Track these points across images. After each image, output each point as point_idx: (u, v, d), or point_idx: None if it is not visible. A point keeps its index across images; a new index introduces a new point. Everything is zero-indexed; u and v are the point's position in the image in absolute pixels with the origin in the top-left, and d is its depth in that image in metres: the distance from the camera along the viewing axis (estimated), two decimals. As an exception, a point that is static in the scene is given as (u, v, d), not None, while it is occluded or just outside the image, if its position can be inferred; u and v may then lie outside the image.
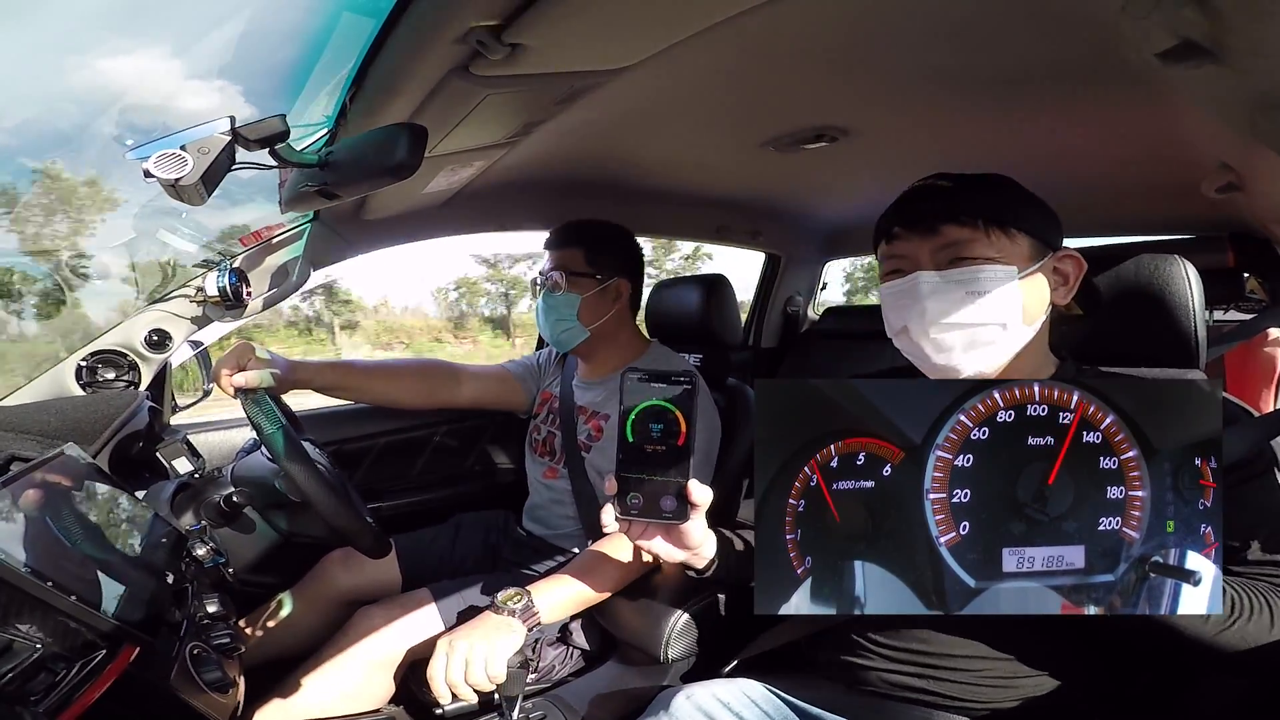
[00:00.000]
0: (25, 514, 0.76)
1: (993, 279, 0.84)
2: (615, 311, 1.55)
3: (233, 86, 1.35)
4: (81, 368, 1.31)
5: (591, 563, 1.24)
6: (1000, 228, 0.86)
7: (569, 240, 1.56)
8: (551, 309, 1.53)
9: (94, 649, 0.72)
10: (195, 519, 1.16)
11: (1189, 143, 1.26)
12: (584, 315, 1.52)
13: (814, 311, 2.94)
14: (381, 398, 1.60)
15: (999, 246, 0.85)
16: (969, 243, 0.85)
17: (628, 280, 1.57)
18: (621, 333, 1.59)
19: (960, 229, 0.86)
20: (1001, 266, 0.84)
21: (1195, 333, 0.95)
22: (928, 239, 0.88)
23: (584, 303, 1.51)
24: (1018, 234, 0.86)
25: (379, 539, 1.18)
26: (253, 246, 1.44)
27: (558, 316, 1.53)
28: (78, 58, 7.23)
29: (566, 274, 1.52)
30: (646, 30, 0.88)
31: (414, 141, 0.84)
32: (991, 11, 0.89)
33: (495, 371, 1.76)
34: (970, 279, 0.85)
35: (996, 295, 0.84)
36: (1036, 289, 0.87)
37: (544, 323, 1.56)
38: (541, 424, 1.66)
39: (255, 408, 1.14)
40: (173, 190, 0.82)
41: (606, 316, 1.54)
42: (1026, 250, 0.87)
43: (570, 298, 1.51)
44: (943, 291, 0.86)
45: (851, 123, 1.36)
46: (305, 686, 1.24)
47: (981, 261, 0.85)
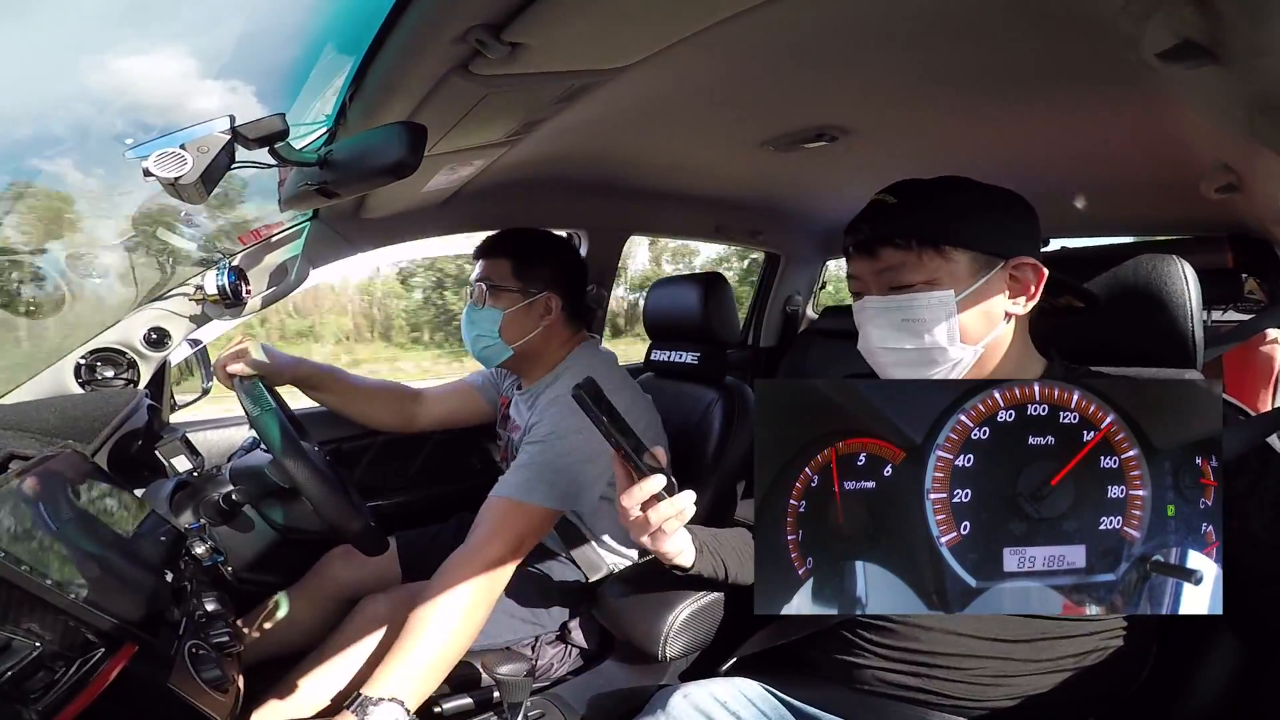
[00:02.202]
0: (24, 512, 0.76)
1: (926, 306, 0.85)
2: (543, 329, 1.44)
3: (232, 85, 1.36)
4: (81, 366, 1.31)
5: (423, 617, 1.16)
6: (934, 247, 0.85)
7: (496, 250, 1.46)
8: (473, 323, 1.45)
9: (93, 647, 0.72)
10: (194, 517, 1.16)
11: (1188, 143, 1.27)
12: (506, 331, 1.42)
13: (813, 310, 2.94)
14: (356, 413, 1.62)
15: (933, 269, 0.85)
16: (901, 267, 0.86)
17: (558, 295, 1.45)
18: (551, 348, 1.48)
19: (895, 252, 0.87)
20: (936, 292, 0.85)
21: (1193, 333, 0.95)
22: (870, 261, 0.89)
23: (507, 318, 1.41)
24: (954, 251, 0.85)
25: (376, 535, 1.18)
26: (252, 245, 1.43)
27: (478, 332, 1.44)
28: (77, 57, 7.18)
29: (490, 286, 1.43)
30: (646, 29, 0.88)
31: (413, 140, 0.84)
32: (992, 11, 0.89)
33: (457, 388, 1.74)
34: (906, 306, 0.86)
35: (931, 321, 0.85)
36: (982, 305, 0.86)
37: (466, 336, 1.48)
38: (501, 430, 1.63)
39: (247, 395, 1.14)
40: (172, 189, 0.82)
41: (532, 334, 1.43)
42: (965, 268, 0.86)
43: (492, 313, 1.41)
44: (883, 316, 0.88)
45: (851, 122, 1.36)
46: (307, 681, 1.24)
47: (917, 288, 0.85)
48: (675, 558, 0.95)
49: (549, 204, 1.83)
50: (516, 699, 1.02)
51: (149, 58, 4.65)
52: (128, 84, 4.23)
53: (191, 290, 1.38)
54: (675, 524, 0.86)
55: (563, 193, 1.81)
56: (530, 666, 1.03)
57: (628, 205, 1.93)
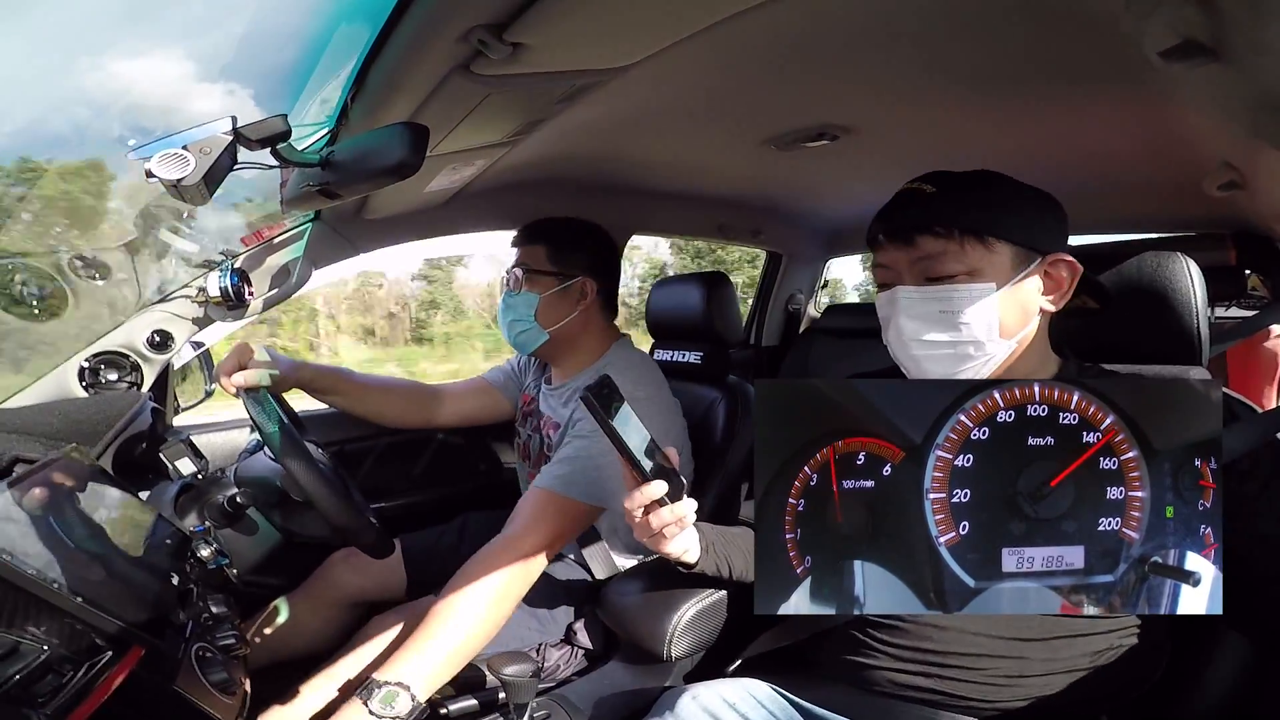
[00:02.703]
0: (30, 516, 0.76)
1: (967, 298, 0.83)
2: (579, 313, 1.46)
3: (234, 86, 1.36)
4: (84, 369, 1.31)
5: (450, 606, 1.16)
6: (977, 238, 0.84)
7: (533, 236, 1.50)
8: (509, 308, 1.48)
9: (100, 651, 0.72)
10: (199, 520, 1.16)
11: (1191, 141, 1.26)
12: (543, 316, 1.44)
13: (815, 309, 2.94)
14: (371, 412, 1.61)
15: (975, 259, 0.84)
16: (942, 256, 0.84)
17: (595, 280, 1.48)
18: (587, 336, 1.50)
19: (935, 240, 0.84)
20: (978, 285, 0.83)
21: (1198, 329, 0.95)
22: (905, 250, 0.87)
23: (543, 302, 1.44)
24: (997, 243, 0.84)
25: (381, 538, 1.18)
26: (254, 246, 1.44)
27: (515, 316, 1.46)
28: (77, 58, 7.17)
29: (527, 271, 1.46)
30: (648, 29, 0.88)
31: (415, 141, 0.84)
32: (994, 9, 0.89)
33: (475, 385, 1.75)
34: (944, 298, 0.84)
35: (971, 315, 0.83)
36: (1020, 300, 0.86)
37: (502, 323, 1.51)
38: (521, 428, 1.64)
39: (256, 406, 1.14)
40: (175, 190, 0.82)
41: (569, 318, 1.45)
42: (1008, 260, 0.85)
43: (529, 297, 1.44)
44: (919, 307, 0.86)
45: (853, 120, 1.35)
46: (313, 691, 1.23)
47: (958, 279, 0.84)
48: (680, 556, 0.95)
49: (551, 204, 1.83)
50: (522, 700, 1.03)
51: (150, 59, 4.60)
52: (129, 85, 4.18)
53: (194, 292, 1.39)
54: (675, 529, 0.86)
55: (564, 193, 1.81)
56: (535, 667, 1.03)
57: (629, 205, 1.93)
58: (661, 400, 1.46)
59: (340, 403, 1.58)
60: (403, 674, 1.07)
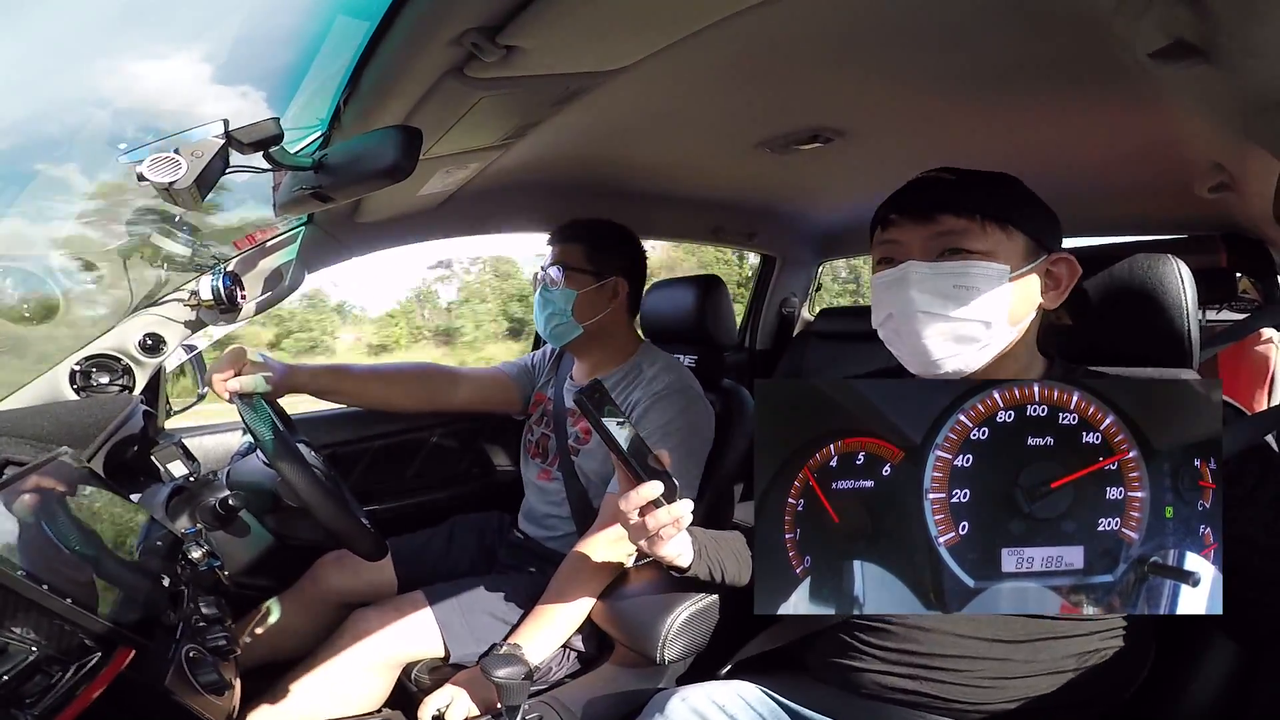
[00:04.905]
0: (20, 518, 0.76)
1: (983, 275, 0.84)
2: (611, 310, 1.53)
3: (227, 89, 1.35)
4: (75, 372, 1.30)
5: (567, 582, 1.28)
6: (998, 223, 0.85)
7: (571, 236, 1.56)
8: (548, 303, 1.53)
9: (89, 652, 0.72)
10: (190, 522, 1.16)
11: (1182, 143, 1.27)
12: (579, 311, 1.51)
13: (809, 312, 2.95)
14: (377, 402, 1.61)
15: (994, 241, 0.85)
16: (963, 234, 0.85)
17: (626, 280, 1.55)
18: (616, 333, 1.57)
19: (957, 219, 0.85)
20: (994, 264, 0.84)
21: (1189, 332, 0.95)
22: (923, 225, 0.87)
23: (580, 298, 1.50)
24: (1015, 231, 0.86)
25: (375, 542, 1.17)
26: (247, 250, 1.43)
27: (553, 310, 1.52)
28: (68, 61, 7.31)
29: (565, 269, 1.52)
30: (641, 32, 0.88)
31: (409, 144, 0.84)
32: (985, 12, 0.89)
33: (491, 374, 1.76)
34: (960, 272, 0.84)
35: (984, 292, 0.83)
36: (1026, 290, 0.87)
37: (539, 317, 1.56)
38: (535, 425, 1.66)
39: (250, 412, 1.14)
40: (166, 193, 0.82)
41: (602, 314, 1.52)
42: (1022, 249, 0.86)
43: (567, 293, 1.50)
44: (931, 281, 0.85)
45: (847, 123, 1.36)
46: (301, 689, 1.24)
47: (975, 256, 0.84)
48: (673, 559, 0.95)
49: (545, 207, 1.83)
50: (514, 702, 1.02)
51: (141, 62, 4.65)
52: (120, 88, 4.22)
53: (186, 296, 1.38)
54: (672, 530, 0.86)
55: (559, 195, 1.81)
56: (528, 670, 1.03)
57: (623, 207, 1.93)
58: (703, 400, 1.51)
59: (344, 399, 1.58)
60: (524, 646, 1.17)
